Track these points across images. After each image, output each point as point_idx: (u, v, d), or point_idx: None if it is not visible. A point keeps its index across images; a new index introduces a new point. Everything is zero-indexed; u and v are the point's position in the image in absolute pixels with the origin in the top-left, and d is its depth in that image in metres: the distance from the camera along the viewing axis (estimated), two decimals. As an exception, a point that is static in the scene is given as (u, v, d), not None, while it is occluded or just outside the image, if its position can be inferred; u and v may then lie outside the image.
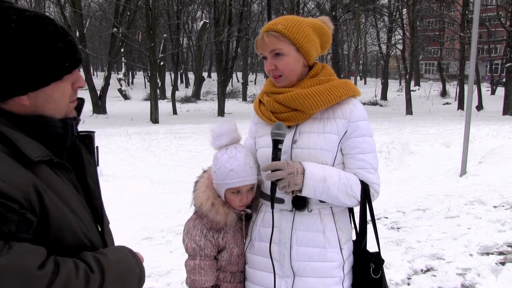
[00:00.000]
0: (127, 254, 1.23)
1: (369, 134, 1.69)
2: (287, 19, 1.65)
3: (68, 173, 1.18)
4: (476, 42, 7.30)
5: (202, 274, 1.72)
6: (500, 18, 24.65)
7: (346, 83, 1.70)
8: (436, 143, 10.74)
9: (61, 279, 1.00)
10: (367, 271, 1.69)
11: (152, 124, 18.31)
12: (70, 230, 1.11)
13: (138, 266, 1.24)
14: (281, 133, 1.56)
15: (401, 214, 5.41)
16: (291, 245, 1.67)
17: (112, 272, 1.12)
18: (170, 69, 36.95)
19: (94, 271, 1.08)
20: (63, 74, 1.11)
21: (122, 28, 21.32)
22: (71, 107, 1.19)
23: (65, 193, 1.12)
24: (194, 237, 1.73)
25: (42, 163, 1.08)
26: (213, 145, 1.77)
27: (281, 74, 1.65)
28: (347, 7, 28.94)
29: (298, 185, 1.55)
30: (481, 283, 3.35)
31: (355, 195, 1.64)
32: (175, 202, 6.69)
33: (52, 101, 1.12)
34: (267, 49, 1.64)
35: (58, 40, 1.09)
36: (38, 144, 1.09)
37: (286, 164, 1.56)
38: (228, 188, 1.70)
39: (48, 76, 1.08)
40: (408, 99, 24.07)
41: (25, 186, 1.01)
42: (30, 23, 1.06)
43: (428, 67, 57.90)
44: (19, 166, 1.03)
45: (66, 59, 1.11)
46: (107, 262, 1.13)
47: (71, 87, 1.16)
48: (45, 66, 1.07)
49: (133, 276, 1.20)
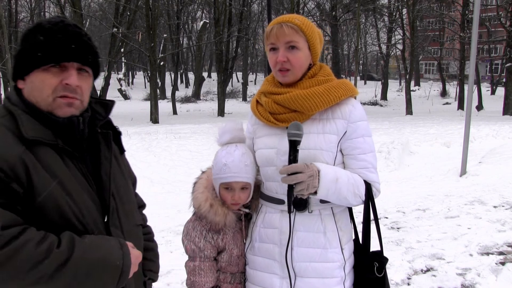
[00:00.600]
0: (113, 245, 1.27)
1: (368, 134, 1.69)
2: (300, 17, 1.66)
3: (78, 162, 1.29)
4: (476, 42, 7.30)
5: (202, 276, 1.72)
6: (500, 18, 24.64)
7: (344, 83, 1.70)
8: (436, 143, 10.75)
9: (18, 243, 1.09)
10: (371, 270, 1.68)
11: (152, 124, 18.31)
12: (59, 209, 1.20)
13: (121, 259, 1.26)
14: (299, 134, 1.51)
15: (401, 214, 5.41)
16: (292, 246, 1.67)
17: (83, 251, 1.18)
18: (170, 69, 36.94)
19: (60, 248, 1.15)
20: (40, 63, 1.24)
21: (122, 28, 21.30)
22: (58, 103, 1.26)
23: (63, 177, 1.22)
24: (193, 239, 1.73)
25: (43, 145, 1.21)
26: (217, 142, 1.80)
27: (290, 68, 1.63)
28: (347, 7, 28.92)
29: (316, 188, 1.53)
30: (481, 283, 3.35)
31: (361, 195, 1.64)
32: (175, 202, 6.69)
33: (35, 88, 1.26)
34: (284, 40, 1.60)
35: (41, 35, 1.25)
36: (45, 129, 1.24)
37: (306, 166, 1.52)
38: (221, 182, 1.71)
39: (28, 64, 1.25)
40: (408, 99, 24.06)
41: (12, 159, 1.14)
42: (35, 25, 1.28)
43: (428, 67, 57.88)
44: (15, 142, 1.17)
45: (42, 50, 1.24)
46: (80, 244, 1.19)
47: (59, 82, 1.26)
48: (28, 55, 1.25)
49: (110, 265, 1.23)
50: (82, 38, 1.30)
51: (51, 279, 1.13)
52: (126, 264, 1.27)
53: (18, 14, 28.59)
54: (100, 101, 1.46)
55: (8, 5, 24.33)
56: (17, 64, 1.29)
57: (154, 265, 1.66)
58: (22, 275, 1.10)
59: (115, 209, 1.37)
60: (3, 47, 13.12)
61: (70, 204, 1.22)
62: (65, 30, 1.27)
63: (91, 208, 1.28)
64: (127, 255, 1.28)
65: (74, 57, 1.27)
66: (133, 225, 1.48)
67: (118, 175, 1.44)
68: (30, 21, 32.55)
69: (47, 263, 1.12)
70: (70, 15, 22.83)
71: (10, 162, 1.14)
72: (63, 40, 1.25)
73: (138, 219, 1.55)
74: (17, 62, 1.29)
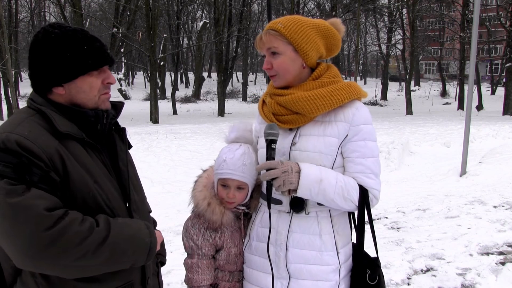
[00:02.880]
0: (141, 224, 1.44)
1: (372, 138, 1.65)
2: (288, 19, 1.63)
3: (99, 153, 1.44)
4: (476, 42, 7.29)
5: (200, 273, 1.73)
6: (500, 18, 24.64)
7: (350, 86, 1.66)
8: (436, 143, 10.75)
9: (65, 223, 1.24)
10: (363, 277, 1.67)
11: (152, 124, 18.31)
12: (90, 195, 1.35)
13: (149, 237, 1.42)
14: (273, 133, 1.56)
15: (401, 214, 5.41)
16: (287, 246, 1.66)
17: (118, 230, 1.34)
18: (170, 69, 36.94)
19: (100, 226, 1.30)
20: (87, 70, 1.40)
21: (122, 28, 21.31)
22: (102, 99, 1.46)
23: (90, 166, 1.38)
24: (192, 236, 1.75)
25: (72, 139, 1.37)
26: (225, 139, 1.83)
27: (275, 73, 1.64)
28: (347, 7, 28.90)
29: (293, 184, 1.54)
30: (481, 283, 3.35)
31: (353, 200, 1.61)
32: (175, 202, 6.69)
33: (82, 91, 1.41)
34: (264, 47, 1.64)
35: (83, 44, 1.40)
36: (72, 124, 1.39)
37: (280, 162, 1.55)
38: (218, 178, 1.73)
39: (74, 71, 1.39)
40: (408, 99, 24.07)
41: (50, 149, 1.29)
42: (65, 34, 1.40)
43: (428, 67, 57.88)
44: (50, 136, 1.32)
45: (89, 58, 1.40)
46: (115, 222, 1.36)
47: (101, 82, 1.45)
48: (72, 63, 1.38)
49: (141, 242, 1.39)
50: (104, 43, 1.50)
51: (94, 254, 1.27)
52: (153, 242, 1.43)
53: (18, 14, 28.57)
54: (111, 102, 1.60)
55: (8, 5, 24.32)
56: (53, 72, 1.38)
57: (162, 249, 1.78)
58: (71, 250, 1.24)
59: (133, 197, 1.53)
60: (3, 47, 13.12)
61: (98, 191, 1.37)
62: (97, 38, 1.46)
63: (115, 194, 1.44)
64: (153, 234, 1.45)
65: (110, 60, 1.47)
66: (146, 211, 1.68)
67: (131, 166, 1.60)
68: (30, 21, 32.57)
69: (90, 239, 1.26)
70: (70, 15, 22.84)
71: (48, 153, 1.28)
72: (101, 47, 1.45)
73: (148, 207, 1.75)
74: (54, 71, 1.38)
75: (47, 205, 1.23)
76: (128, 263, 1.37)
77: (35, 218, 1.21)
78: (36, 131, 1.31)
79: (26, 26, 32.51)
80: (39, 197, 1.23)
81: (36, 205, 1.21)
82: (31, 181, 1.24)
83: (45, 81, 1.40)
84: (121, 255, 1.33)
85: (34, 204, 1.21)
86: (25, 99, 1.45)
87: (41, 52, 1.38)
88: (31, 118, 1.35)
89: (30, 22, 32.97)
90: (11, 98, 17.78)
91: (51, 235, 1.21)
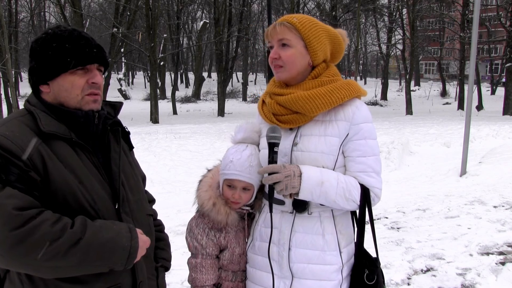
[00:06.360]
0: (122, 228, 1.40)
1: (372, 137, 1.66)
2: (303, 16, 1.66)
3: (90, 154, 1.43)
4: (476, 42, 7.30)
5: (203, 273, 1.74)
6: (500, 18, 24.65)
7: (350, 84, 1.67)
8: (436, 143, 10.75)
9: (35, 223, 1.23)
10: (361, 277, 1.67)
11: (152, 124, 18.32)
12: (72, 196, 1.34)
13: (129, 241, 1.38)
14: (276, 136, 1.56)
15: (401, 214, 5.41)
16: (290, 246, 1.67)
17: (93, 233, 1.30)
18: (170, 69, 36.94)
19: (74, 228, 1.28)
20: (68, 67, 1.39)
21: (122, 28, 21.29)
22: (86, 100, 1.43)
23: (77, 167, 1.37)
24: (196, 236, 1.75)
25: (58, 139, 1.36)
26: (231, 139, 1.82)
27: (282, 64, 1.64)
28: (347, 7, 28.92)
29: (296, 188, 1.54)
30: (481, 283, 3.35)
31: (354, 199, 1.61)
32: (175, 202, 6.69)
33: (64, 90, 1.41)
34: (276, 38, 1.63)
35: (66, 43, 1.40)
36: (59, 124, 1.39)
37: (282, 166, 1.55)
38: (224, 179, 1.72)
39: (56, 69, 1.39)
40: (408, 99, 24.08)
41: (30, 150, 1.29)
42: (54, 34, 1.41)
43: (428, 67, 57.86)
44: (32, 135, 1.32)
45: (70, 56, 1.39)
46: (92, 226, 1.32)
47: (86, 81, 1.42)
48: (54, 61, 1.39)
49: (119, 246, 1.35)
50: (96, 42, 1.48)
51: (65, 256, 1.25)
52: (133, 247, 1.38)
53: (18, 14, 28.56)
54: (109, 102, 1.61)
55: (8, 5, 24.31)
56: (39, 71, 1.41)
57: (166, 253, 1.76)
58: (39, 250, 1.22)
59: (125, 198, 1.50)
60: (3, 47, 13.12)
61: (82, 191, 1.36)
62: (84, 37, 1.44)
63: (102, 196, 1.42)
64: (135, 238, 1.40)
65: (96, 59, 1.44)
66: (143, 213, 1.60)
67: (127, 167, 1.58)
68: (30, 21, 32.57)
69: (61, 241, 1.25)
70: (70, 15, 22.84)
71: (28, 153, 1.29)
72: (86, 45, 1.43)
73: (148, 209, 1.68)
74: (39, 70, 1.41)
75: (18, 205, 1.23)
76: (104, 267, 1.34)
77: (4, 217, 1.21)
78: (19, 130, 1.32)
79: (26, 26, 32.51)
80: (11, 196, 1.23)
81: (6, 204, 1.22)
82: (6, 180, 1.25)
83: (34, 80, 1.43)
84: (96, 259, 1.30)
85: (3, 203, 1.22)
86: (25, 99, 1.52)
87: (30, 52, 1.43)
88: (19, 119, 1.37)
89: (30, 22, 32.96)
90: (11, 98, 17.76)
91: (18, 234, 1.21)
